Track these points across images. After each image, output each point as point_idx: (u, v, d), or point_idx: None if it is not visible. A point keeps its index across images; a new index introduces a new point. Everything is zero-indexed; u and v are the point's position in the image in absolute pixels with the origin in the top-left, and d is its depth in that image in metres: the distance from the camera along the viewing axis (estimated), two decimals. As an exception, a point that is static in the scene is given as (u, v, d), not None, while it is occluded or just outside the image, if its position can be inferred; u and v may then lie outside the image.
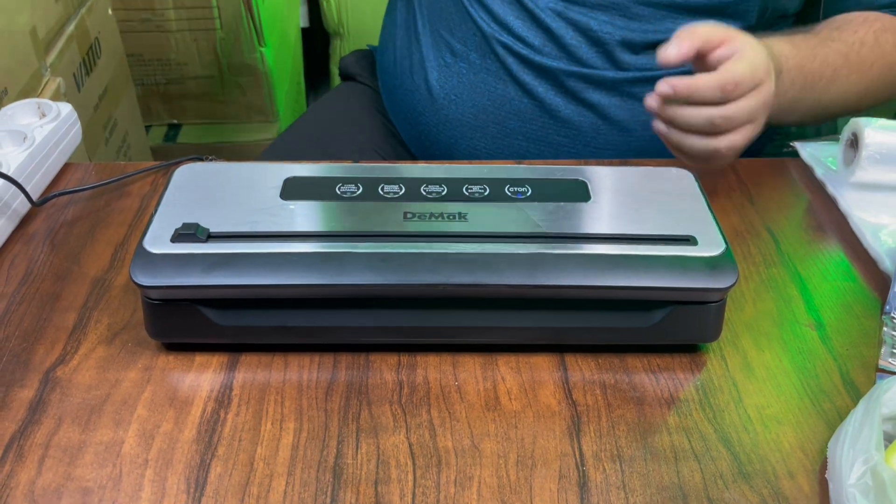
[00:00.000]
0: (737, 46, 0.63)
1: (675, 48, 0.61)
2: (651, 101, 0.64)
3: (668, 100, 0.63)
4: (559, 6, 0.80)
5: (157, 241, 0.53)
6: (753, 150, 0.95)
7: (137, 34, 1.61)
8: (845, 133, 0.75)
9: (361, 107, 1.00)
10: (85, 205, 0.70)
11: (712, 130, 0.63)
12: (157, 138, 1.73)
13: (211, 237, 0.53)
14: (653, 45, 0.79)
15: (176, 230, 0.53)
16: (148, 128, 1.70)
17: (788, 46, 0.71)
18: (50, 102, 0.76)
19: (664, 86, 0.61)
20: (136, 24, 1.61)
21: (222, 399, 0.52)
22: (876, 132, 0.73)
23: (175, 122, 1.77)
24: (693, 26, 0.63)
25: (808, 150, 0.78)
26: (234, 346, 0.55)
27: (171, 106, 1.74)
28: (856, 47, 0.77)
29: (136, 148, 1.42)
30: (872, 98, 0.81)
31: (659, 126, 0.65)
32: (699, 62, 0.64)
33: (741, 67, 0.62)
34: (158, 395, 0.52)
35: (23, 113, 0.75)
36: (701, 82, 0.61)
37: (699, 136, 0.64)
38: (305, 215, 0.56)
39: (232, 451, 0.49)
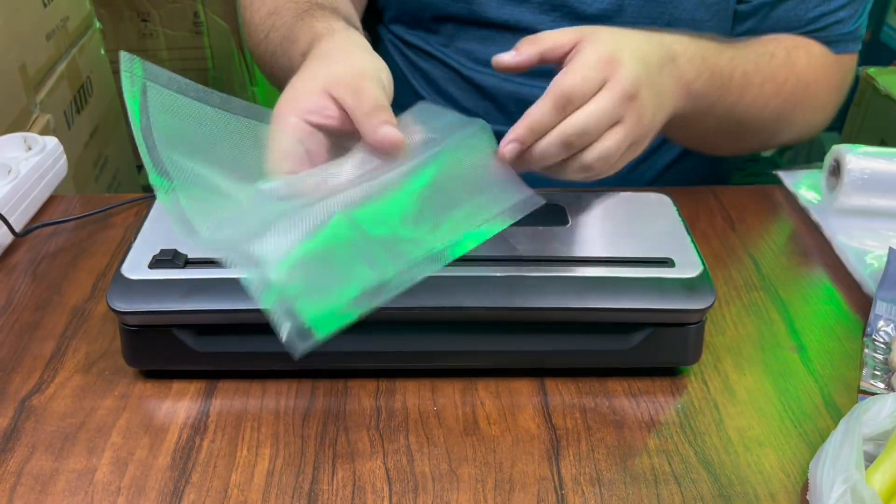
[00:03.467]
0: (577, 48, 0.55)
1: (509, 55, 0.55)
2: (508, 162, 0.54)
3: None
4: (499, 77, 0.77)
5: (135, 267, 0.53)
6: (717, 178, 0.93)
7: (131, 74, 1.63)
8: (828, 160, 0.76)
9: None
10: (68, 236, 0.70)
11: (577, 149, 0.54)
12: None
13: (189, 263, 0.53)
14: None
15: (154, 256, 0.53)
16: (139, 166, 1.71)
17: (685, 37, 0.63)
18: (36, 136, 0.76)
19: (509, 147, 0.53)
20: (129, 64, 1.63)
21: (198, 426, 0.51)
22: (858, 158, 0.73)
23: (167, 160, 1.78)
24: (541, 34, 0.56)
25: (792, 179, 0.79)
26: (211, 373, 0.55)
27: (164, 145, 1.75)
28: (766, 58, 0.71)
29: (127, 185, 1.43)
30: (790, 121, 0.77)
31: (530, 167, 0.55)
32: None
33: (570, 76, 0.53)
34: (134, 423, 0.52)
35: (9, 146, 0.75)
36: (535, 112, 0.53)
37: (570, 161, 0.55)
38: None
39: (206, 477, 0.48)
